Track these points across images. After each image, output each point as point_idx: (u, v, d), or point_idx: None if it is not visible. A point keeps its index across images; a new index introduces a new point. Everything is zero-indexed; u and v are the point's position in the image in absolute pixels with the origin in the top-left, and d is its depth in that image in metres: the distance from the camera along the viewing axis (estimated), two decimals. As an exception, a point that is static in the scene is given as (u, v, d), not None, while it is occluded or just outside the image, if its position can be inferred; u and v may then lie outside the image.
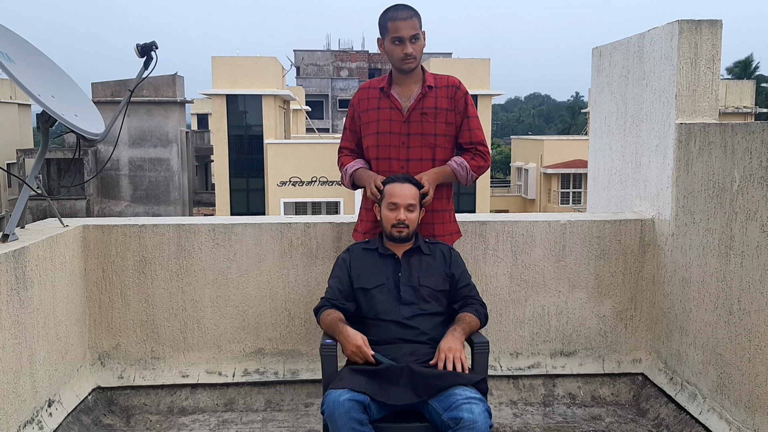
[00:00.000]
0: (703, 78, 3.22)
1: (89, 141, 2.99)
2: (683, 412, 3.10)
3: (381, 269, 2.62)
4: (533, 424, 3.25)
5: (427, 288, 2.58)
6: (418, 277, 2.59)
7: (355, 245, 2.76)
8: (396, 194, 2.62)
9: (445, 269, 2.65)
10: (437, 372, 2.31)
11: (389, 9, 2.77)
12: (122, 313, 3.31)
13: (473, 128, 2.91)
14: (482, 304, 2.63)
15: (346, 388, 2.20)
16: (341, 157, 3.03)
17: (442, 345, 2.39)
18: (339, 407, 2.15)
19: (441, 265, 2.65)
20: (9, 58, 2.67)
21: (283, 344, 3.39)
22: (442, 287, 2.61)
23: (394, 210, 2.61)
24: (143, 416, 3.26)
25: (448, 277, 2.64)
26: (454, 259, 2.69)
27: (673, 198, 3.26)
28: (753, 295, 2.67)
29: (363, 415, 2.17)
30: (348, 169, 2.95)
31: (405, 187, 2.63)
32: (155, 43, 3.11)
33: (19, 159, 26.26)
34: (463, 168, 2.86)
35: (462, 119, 2.89)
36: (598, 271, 3.47)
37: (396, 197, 2.62)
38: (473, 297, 2.64)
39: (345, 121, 3.05)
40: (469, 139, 2.90)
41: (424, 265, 2.63)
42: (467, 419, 2.13)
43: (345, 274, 2.64)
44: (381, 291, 2.57)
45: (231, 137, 24.53)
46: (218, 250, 3.30)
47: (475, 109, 2.96)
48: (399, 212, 2.59)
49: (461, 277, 2.66)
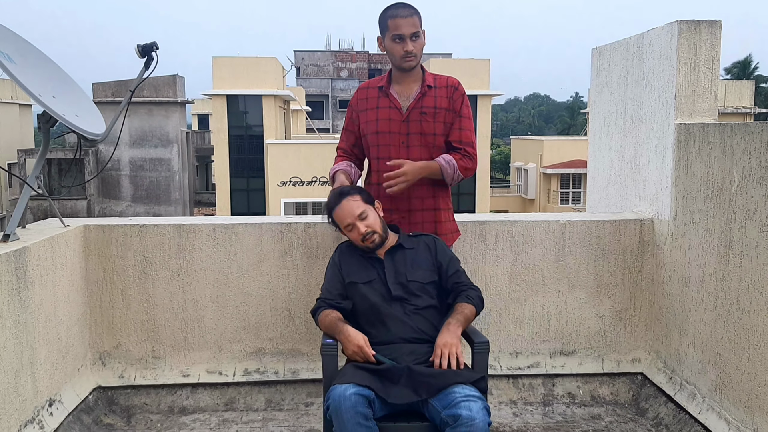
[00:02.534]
0: (703, 78, 3.22)
1: (90, 141, 2.99)
2: (682, 412, 3.11)
3: (368, 268, 2.63)
4: (533, 423, 3.25)
5: (415, 283, 2.57)
6: (405, 274, 2.58)
7: (343, 243, 2.76)
8: (341, 218, 2.62)
9: (431, 260, 2.63)
10: (436, 372, 2.31)
11: (389, 7, 2.78)
12: (123, 312, 3.32)
13: (464, 128, 2.88)
14: (473, 287, 2.62)
15: (352, 383, 2.21)
16: (336, 158, 3.06)
17: (438, 340, 2.40)
18: (345, 401, 2.16)
19: (426, 256, 2.64)
20: (10, 58, 2.67)
21: (284, 344, 3.40)
22: (431, 279, 2.60)
23: (351, 231, 2.61)
24: (144, 416, 3.27)
25: (436, 268, 2.63)
26: (439, 247, 2.68)
27: (672, 198, 3.26)
28: (752, 294, 2.67)
29: (368, 409, 2.18)
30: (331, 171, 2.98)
31: (344, 208, 2.61)
32: (156, 43, 3.12)
33: (20, 159, 26.28)
34: (450, 166, 2.81)
35: (455, 118, 2.88)
36: (598, 271, 3.47)
37: (343, 220, 2.61)
38: (462, 283, 2.62)
39: (344, 121, 3.06)
40: (459, 138, 2.87)
41: (409, 260, 2.62)
42: (465, 416, 2.14)
43: (337, 272, 2.66)
44: (372, 286, 2.58)
45: (231, 137, 24.55)
46: (219, 250, 3.31)
47: (470, 111, 2.94)
48: (356, 230, 2.59)
49: (449, 265, 2.64)
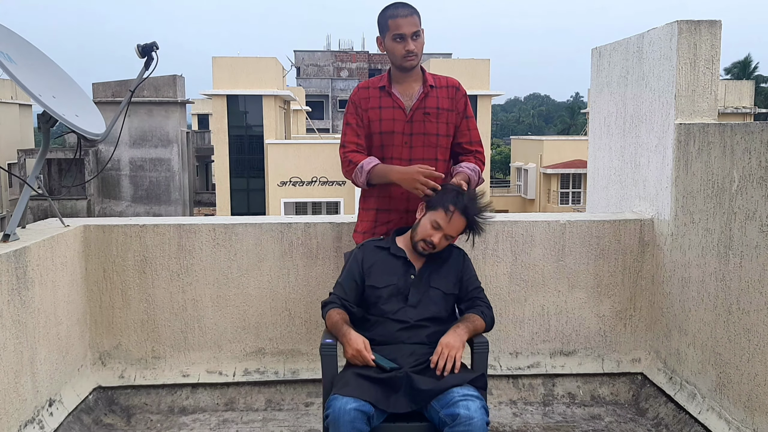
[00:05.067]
0: (703, 78, 3.22)
1: (90, 141, 2.99)
2: (682, 412, 3.11)
3: (392, 269, 2.59)
4: (533, 423, 3.25)
5: (436, 290, 2.56)
6: (429, 280, 2.57)
7: (369, 242, 2.71)
8: (447, 221, 2.54)
9: (457, 272, 2.63)
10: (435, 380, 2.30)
11: (389, 7, 2.77)
12: (123, 312, 3.32)
13: (472, 128, 2.93)
14: (489, 306, 2.62)
15: (353, 396, 2.20)
16: (348, 153, 2.84)
17: (442, 339, 2.39)
18: (344, 415, 2.16)
19: (454, 267, 2.63)
20: (10, 58, 2.67)
21: (284, 344, 3.40)
22: (452, 291, 2.60)
23: (433, 235, 2.53)
24: (144, 416, 3.27)
25: (458, 281, 2.62)
26: (466, 263, 2.68)
27: (672, 198, 3.26)
28: (752, 294, 2.67)
29: (366, 426, 2.19)
30: (364, 165, 2.79)
31: (456, 222, 2.54)
32: (156, 43, 3.12)
33: (20, 159, 26.28)
34: (476, 173, 2.85)
35: (461, 119, 2.90)
36: (598, 271, 3.47)
37: (444, 225, 2.54)
38: (480, 299, 2.62)
39: (346, 119, 2.89)
40: (470, 139, 2.91)
41: (437, 266, 2.61)
42: (464, 416, 2.14)
43: (358, 269, 2.60)
44: (390, 291, 2.55)
45: (231, 137, 24.56)
46: (219, 250, 3.31)
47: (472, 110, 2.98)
48: (435, 237, 2.53)
49: (470, 281, 2.65)
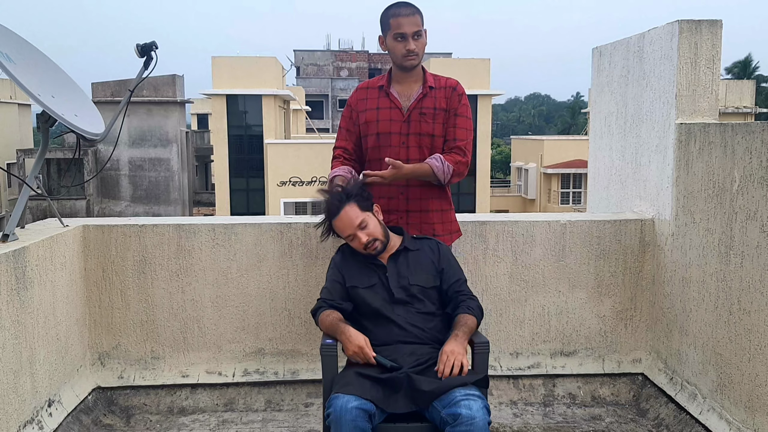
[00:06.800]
0: (703, 78, 3.22)
1: (89, 141, 2.99)
2: (683, 412, 3.10)
3: (370, 273, 2.61)
4: (533, 424, 3.25)
5: (417, 286, 2.56)
6: (408, 277, 2.57)
7: (344, 244, 2.72)
8: (341, 229, 2.58)
9: (434, 264, 2.62)
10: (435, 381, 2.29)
11: (391, 6, 2.77)
12: (122, 313, 3.31)
13: (458, 126, 2.84)
14: (472, 297, 2.60)
15: (354, 395, 2.20)
16: (333, 160, 2.98)
17: (445, 347, 2.39)
18: (346, 414, 2.16)
19: (429, 260, 2.62)
20: (9, 58, 2.67)
21: (283, 344, 3.39)
22: (433, 283, 2.59)
23: (353, 240, 2.58)
24: (143, 416, 3.27)
25: (438, 273, 2.61)
26: (442, 253, 2.66)
27: (673, 198, 3.26)
28: (753, 294, 2.67)
29: (367, 424, 2.18)
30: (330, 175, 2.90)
31: (342, 219, 2.57)
32: (155, 43, 3.11)
33: (19, 159, 26.27)
34: (438, 160, 2.77)
35: (450, 117, 2.84)
36: (598, 271, 3.47)
37: (344, 231, 2.58)
38: (462, 292, 2.60)
39: (340, 122, 2.98)
40: (454, 136, 2.84)
41: (412, 263, 2.61)
42: (465, 415, 2.13)
43: (338, 273, 2.63)
44: (374, 290, 2.56)
45: (231, 137, 24.54)
46: (218, 250, 3.30)
47: (468, 110, 2.88)
48: (357, 240, 2.56)
49: (451, 273, 2.63)
